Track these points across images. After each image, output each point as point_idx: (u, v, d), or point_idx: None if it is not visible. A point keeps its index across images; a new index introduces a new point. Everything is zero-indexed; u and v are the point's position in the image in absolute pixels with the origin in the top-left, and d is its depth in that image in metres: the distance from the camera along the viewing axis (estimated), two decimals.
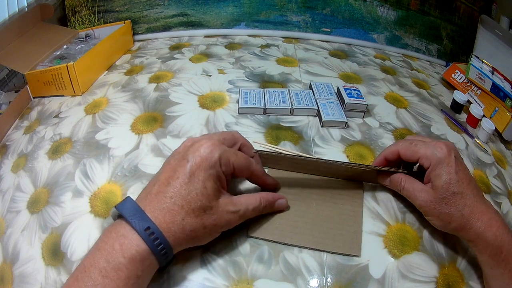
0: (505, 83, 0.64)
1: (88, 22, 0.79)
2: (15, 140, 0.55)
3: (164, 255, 0.31)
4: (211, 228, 0.33)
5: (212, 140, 0.35)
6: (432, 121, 0.58)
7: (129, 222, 0.30)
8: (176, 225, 0.31)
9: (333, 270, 0.36)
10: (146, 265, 0.30)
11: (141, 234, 0.29)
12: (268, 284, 0.35)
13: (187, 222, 0.31)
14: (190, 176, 0.32)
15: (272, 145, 0.49)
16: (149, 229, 0.30)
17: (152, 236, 0.30)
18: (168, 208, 0.31)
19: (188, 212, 0.31)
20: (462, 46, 0.82)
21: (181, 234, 0.31)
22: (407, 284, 0.36)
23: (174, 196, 0.31)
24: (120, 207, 0.31)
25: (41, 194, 0.45)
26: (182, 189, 0.32)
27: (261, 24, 0.81)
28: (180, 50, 0.73)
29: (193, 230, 0.32)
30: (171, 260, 0.34)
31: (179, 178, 0.32)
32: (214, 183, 0.33)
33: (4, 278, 0.38)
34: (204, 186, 0.32)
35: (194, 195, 0.32)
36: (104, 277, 0.28)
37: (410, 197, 0.39)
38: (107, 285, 0.28)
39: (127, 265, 0.29)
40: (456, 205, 0.35)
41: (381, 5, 0.80)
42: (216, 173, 0.33)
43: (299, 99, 0.56)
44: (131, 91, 0.60)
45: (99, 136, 0.51)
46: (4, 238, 0.41)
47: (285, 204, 0.40)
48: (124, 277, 0.28)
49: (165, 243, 0.30)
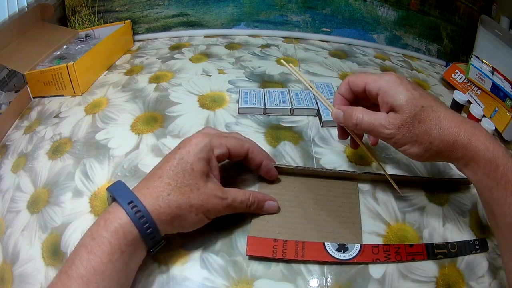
0: (505, 83, 0.64)
1: (88, 22, 0.79)
2: (15, 140, 0.55)
3: (147, 230, 0.31)
4: (198, 208, 0.33)
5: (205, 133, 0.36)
6: None
7: (116, 200, 0.31)
8: (161, 199, 0.31)
9: (333, 270, 0.36)
10: (129, 240, 0.30)
11: (124, 207, 0.30)
12: (268, 284, 0.35)
13: (173, 198, 0.32)
14: (179, 160, 0.33)
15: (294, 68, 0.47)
16: (132, 203, 0.30)
17: (134, 209, 0.30)
18: (155, 185, 0.32)
19: (174, 189, 0.32)
20: (462, 46, 0.82)
21: (166, 209, 0.31)
22: (407, 284, 0.36)
23: (162, 176, 0.33)
24: (110, 187, 0.33)
25: (41, 194, 0.45)
26: (170, 170, 0.33)
27: (261, 24, 0.81)
28: (180, 50, 0.73)
29: (179, 207, 0.32)
30: (160, 243, 0.33)
31: (169, 162, 0.34)
32: (203, 167, 0.34)
33: (4, 278, 0.38)
34: (192, 168, 0.33)
35: (181, 175, 0.33)
36: (89, 252, 0.28)
37: (374, 130, 0.33)
38: (91, 260, 0.28)
39: (109, 239, 0.29)
40: (430, 119, 0.31)
41: (381, 5, 0.80)
42: (206, 157, 0.34)
43: (299, 99, 0.56)
44: (131, 91, 0.60)
45: (99, 136, 0.51)
46: (4, 238, 0.41)
47: (276, 206, 0.39)
48: (108, 251, 0.29)
49: (148, 217, 0.30)
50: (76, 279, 0.27)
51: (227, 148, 0.36)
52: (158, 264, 0.36)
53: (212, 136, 0.36)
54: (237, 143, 0.37)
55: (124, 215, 0.30)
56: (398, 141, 0.33)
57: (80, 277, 0.27)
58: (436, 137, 0.31)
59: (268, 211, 0.39)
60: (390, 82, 0.33)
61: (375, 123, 0.33)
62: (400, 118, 0.32)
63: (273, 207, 0.39)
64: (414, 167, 0.48)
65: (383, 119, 0.33)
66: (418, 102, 0.31)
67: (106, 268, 0.28)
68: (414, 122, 0.31)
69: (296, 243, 0.37)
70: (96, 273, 0.28)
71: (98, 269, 0.28)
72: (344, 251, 0.38)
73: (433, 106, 0.32)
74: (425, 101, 0.32)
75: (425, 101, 0.32)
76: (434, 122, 0.31)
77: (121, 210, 0.30)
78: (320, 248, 0.38)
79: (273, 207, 0.39)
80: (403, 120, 0.32)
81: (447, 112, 0.32)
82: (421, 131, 0.31)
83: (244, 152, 0.38)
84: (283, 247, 0.37)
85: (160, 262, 0.36)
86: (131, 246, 0.30)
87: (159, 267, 0.36)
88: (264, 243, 0.37)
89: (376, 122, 0.33)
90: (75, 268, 0.28)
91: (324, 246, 0.38)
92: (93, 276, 0.28)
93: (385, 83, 0.33)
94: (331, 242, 0.38)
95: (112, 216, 0.30)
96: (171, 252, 0.37)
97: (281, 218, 0.40)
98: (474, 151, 0.30)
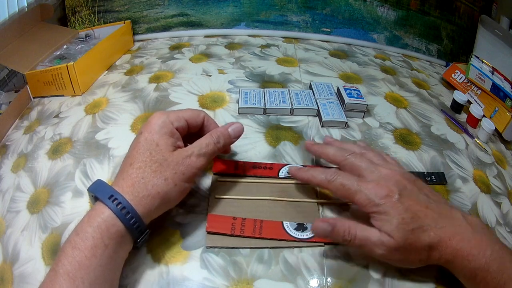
0: (505, 83, 0.64)
1: (88, 22, 0.79)
2: (15, 140, 0.55)
3: (131, 221, 0.31)
4: (172, 177, 0.34)
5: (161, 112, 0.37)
6: (432, 121, 0.58)
7: (97, 197, 0.32)
8: (137, 185, 0.32)
9: (333, 270, 0.36)
10: (112, 233, 0.30)
11: (105, 202, 0.31)
12: (268, 284, 0.35)
13: (147, 179, 0.33)
14: (144, 141, 0.35)
15: None
16: (112, 197, 0.31)
17: (115, 202, 0.31)
18: (129, 174, 0.33)
19: (146, 170, 0.33)
20: (462, 46, 0.82)
21: (145, 192, 0.32)
22: (407, 284, 0.36)
23: (133, 162, 0.34)
24: (90, 187, 0.34)
25: (41, 194, 0.45)
26: (138, 154, 0.34)
27: (261, 24, 0.81)
28: (180, 50, 0.73)
29: (155, 185, 0.33)
30: (145, 233, 0.34)
31: (135, 147, 0.35)
32: (166, 139, 0.35)
33: (4, 278, 0.38)
34: (156, 144, 0.34)
35: (148, 154, 0.34)
36: (73, 248, 0.29)
37: (367, 247, 0.33)
38: (76, 256, 0.29)
39: (93, 233, 0.30)
40: (420, 241, 0.31)
41: (381, 5, 0.80)
42: (168, 131, 0.35)
43: (299, 99, 0.56)
44: (131, 91, 0.60)
45: (99, 136, 0.51)
46: (4, 238, 0.41)
47: (241, 127, 0.40)
48: (91, 246, 0.29)
49: (129, 207, 0.31)
50: (63, 275, 0.28)
51: (184, 119, 0.37)
52: (158, 264, 0.36)
53: (168, 112, 0.37)
54: (193, 113, 0.39)
55: (106, 209, 0.31)
56: (389, 261, 0.34)
57: (66, 273, 0.28)
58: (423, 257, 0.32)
59: (237, 134, 0.40)
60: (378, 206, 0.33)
61: (370, 242, 0.32)
62: (393, 243, 0.32)
63: (239, 128, 0.40)
64: (414, 167, 0.48)
65: (376, 239, 0.32)
66: (408, 226, 0.31)
67: (90, 263, 0.29)
68: (406, 247, 0.32)
69: (254, 221, 0.39)
70: (81, 268, 0.28)
71: (83, 264, 0.29)
72: (303, 231, 0.38)
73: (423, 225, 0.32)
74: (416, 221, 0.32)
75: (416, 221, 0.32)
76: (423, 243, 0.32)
77: (103, 205, 0.31)
78: (278, 226, 0.38)
79: (239, 128, 0.40)
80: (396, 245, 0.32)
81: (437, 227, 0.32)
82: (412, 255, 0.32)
83: (201, 120, 0.39)
84: (242, 225, 0.38)
85: (160, 262, 0.36)
86: (114, 239, 0.31)
87: (159, 267, 0.36)
88: (223, 220, 0.39)
89: (370, 241, 0.32)
90: (61, 265, 0.28)
91: (283, 225, 0.39)
92: (78, 271, 0.28)
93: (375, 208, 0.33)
94: (290, 221, 0.39)
95: (95, 212, 0.31)
96: (171, 252, 0.37)
97: (241, 201, 0.41)
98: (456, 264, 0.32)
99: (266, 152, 0.48)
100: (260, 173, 0.44)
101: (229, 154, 0.47)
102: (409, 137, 0.53)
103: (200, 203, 0.42)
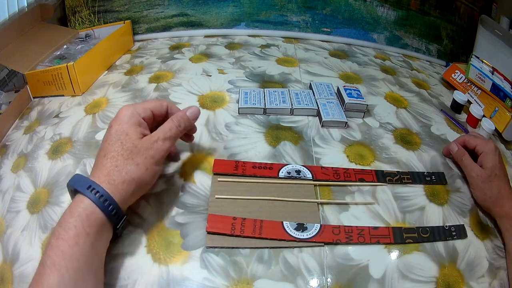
0: (505, 83, 0.64)
1: (88, 22, 0.79)
2: (15, 140, 0.55)
3: (109, 207, 0.33)
4: (144, 162, 0.36)
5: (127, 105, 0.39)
6: (432, 121, 0.58)
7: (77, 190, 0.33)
8: (112, 174, 0.34)
9: (333, 270, 0.36)
10: (92, 221, 0.32)
11: (84, 193, 0.33)
12: (268, 284, 0.35)
13: (121, 167, 0.35)
14: (114, 133, 0.36)
15: None
16: (90, 187, 0.33)
17: (93, 191, 0.33)
18: (103, 164, 0.35)
19: (119, 158, 0.35)
20: (462, 46, 0.82)
21: (120, 179, 0.34)
22: (407, 284, 0.36)
23: (106, 153, 0.36)
24: (69, 182, 0.35)
25: (41, 194, 0.45)
26: (110, 145, 0.36)
27: (261, 24, 0.81)
28: (180, 50, 0.73)
29: (128, 172, 0.35)
30: (124, 220, 0.35)
31: (107, 140, 0.36)
32: (135, 128, 0.37)
33: (4, 278, 0.38)
34: (126, 133, 0.36)
35: (119, 143, 0.36)
36: (57, 239, 0.31)
37: (466, 168, 0.47)
38: (60, 245, 0.30)
39: (74, 223, 0.31)
40: (496, 184, 0.44)
41: (381, 5, 0.80)
42: (136, 121, 0.37)
43: (299, 99, 0.56)
44: (131, 91, 0.60)
45: (99, 136, 0.51)
46: (4, 238, 0.41)
47: (197, 110, 0.42)
48: (73, 235, 0.31)
49: (106, 195, 0.33)
50: (50, 267, 0.29)
51: (150, 110, 0.39)
52: (158, 264, 0.36)
53: (134, 104, 0.39)
54: (157, 103, 0.41)
55: (85, 199, 0.33)
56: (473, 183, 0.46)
57: (53, 264, 0.29)
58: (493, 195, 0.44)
59: (195, 116, 0.42)
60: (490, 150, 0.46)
61: (470, 166, 0.47)
62: (483, 172, 0.45)
63: (195, 111, 0.42)
64: (414, 167, 0.48)
65: (474, 165, 0.46)
66: (496, 170, 0.45)
67: (73, 252, 0.30)
68: (487, 180, 0.44)
69: (254, 221, 0.39)
70: (65, 257, 0.30)
71: (66, 252, 0.30)
72: (303, 231, 0.38)
73: (501, 177, 0.45)
74: (499, 172, 0.45)
75: (499, 172, 0.45)
76: (497, 187, 0.44)
77: (82, 196, 0.33)
78: (278, 226, 0.39)
79: (196, 111, 0.42)
80: (483, 174, 0.45)
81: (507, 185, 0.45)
82: (487, 187, 0.44)
83: (165, 110, 0.41)
84: (242, 225, 0.38)
85: (160, 262, 0.36)
86: (95, 227, 0.32)
87: (159, 267, 0.36)
88: (223, 220, 0.39)
89: (470, 165, 0.47)
90: (47, 256, 0.30)
91: (283, 225, 0.39)
92: (62, 260, 0.30)
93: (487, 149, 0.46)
94: (290, 221, 0.39)
95: (75, 203, 0.33)
96: (171, 252, 0.37)
97: (241, 201, 0.41)
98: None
99: (266, 152, 0.48)
100: (260, 173, 0.44)
101: (229, 154, 0.47)
102: (409, 137, 0.53)
103: (200, 203, 0.42)
